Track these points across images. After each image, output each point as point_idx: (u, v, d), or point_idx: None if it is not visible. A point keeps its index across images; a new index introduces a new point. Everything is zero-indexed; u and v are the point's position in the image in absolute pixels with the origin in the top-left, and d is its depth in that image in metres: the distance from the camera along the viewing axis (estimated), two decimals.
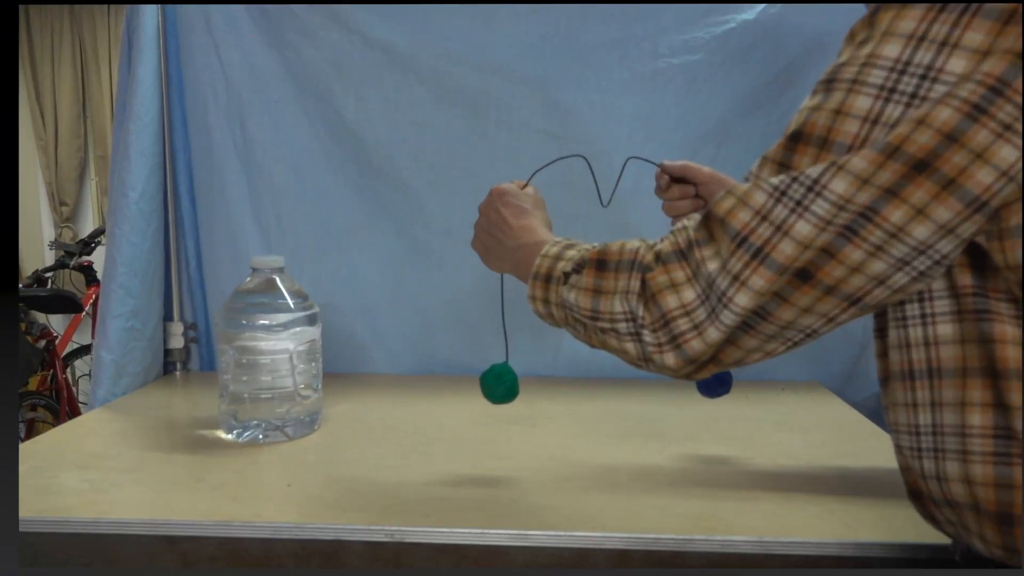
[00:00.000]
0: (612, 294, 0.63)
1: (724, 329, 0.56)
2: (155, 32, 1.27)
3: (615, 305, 0.63)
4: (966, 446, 0.53)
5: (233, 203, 1.35)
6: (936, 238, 0.50)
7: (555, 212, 1.12)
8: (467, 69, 1.29)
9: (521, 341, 1.39)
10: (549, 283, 0.70)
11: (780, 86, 1.25)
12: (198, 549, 0.77)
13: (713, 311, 0.56)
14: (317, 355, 1.07)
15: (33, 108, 4.05)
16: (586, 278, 0.66)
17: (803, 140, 0.53)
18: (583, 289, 0.65)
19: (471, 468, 0.93)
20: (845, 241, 0.51)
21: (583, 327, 0.67)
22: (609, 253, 0.65)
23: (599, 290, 0.64)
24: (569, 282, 0.67)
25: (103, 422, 1.12)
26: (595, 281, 0.65)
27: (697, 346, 0.58)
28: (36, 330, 2.76)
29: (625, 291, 0.62)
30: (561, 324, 0.71)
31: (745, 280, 0.54)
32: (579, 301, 0.66)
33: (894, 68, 0.49)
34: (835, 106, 0.51)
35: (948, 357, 0.53)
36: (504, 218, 0.81)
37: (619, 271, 0.63)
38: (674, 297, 0.58)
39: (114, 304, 1.24)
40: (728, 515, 0.79)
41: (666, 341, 0.59)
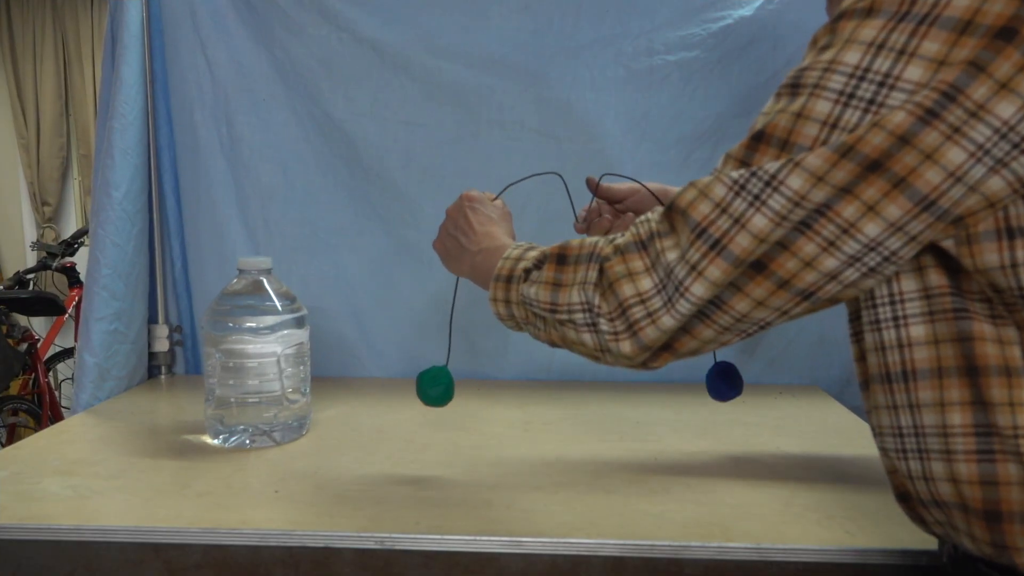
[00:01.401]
0: (570, 286, 0.65)
1: (679, 317, 0.58)
2: (140, 28, 1.25)
3: (573, 296, 0.64)
4: (948, 445, 0.53)
5: (219, 203, 1.34)
6: (886, 235, 0.51)
7: (549, 215, 1.11)
8: (459, 67, 1.28)
9: (516, 345, 1.39)
10: (510, 283, 0.72)
11: (778, 84, 1.24)
12: (183, 557, 0.75)
13: (670, 299, 0.58)
14: (305, 358, 1.06)
15: (14, 105, 4.00)
16: (546, 272, 0.67)
17: (764, 140, 0.55)
18: (543, 283, 0.67)
19: (463, 474, 0.92)
20: (799, 235, 0.53)
21: (543, 322, 0.69)
22: (569, 248, 0.67)
23: (558, 283, 0.66)
24: (530, 278, 0.69)
25: (86, 427, 1.10)
26: (555, 275, 0.67)
27: (652, 333, 0.59)
28: (18, 333, 2.73)
29: (583, 282, 0.64)
30: (521, 324, 0.73)
31: (702, 270, 0.56)
32: (539, 295, 0.68)
33: (853, 74, 0.51)
34: (797, 109, 0.53)
35: (923, 358, 0.54)
36: (470, 223, 0.84)
37: (578, 263, 0.65)
38: (630, 286, 0.60)
39: (97, 306, 1.22)
40: (725, 521, 0.78)
41: (623, 329, 0.61)
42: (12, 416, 2.73)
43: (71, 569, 0.76)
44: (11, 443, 1.53)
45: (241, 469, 0.93)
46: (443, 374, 0.92)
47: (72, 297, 3.05)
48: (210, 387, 1.02)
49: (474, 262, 0.81)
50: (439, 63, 1.28)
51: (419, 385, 0.92)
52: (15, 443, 1.03)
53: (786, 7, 1.22)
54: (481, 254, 0.80)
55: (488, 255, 0.78)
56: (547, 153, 1.28)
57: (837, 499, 0.84)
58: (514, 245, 0.76)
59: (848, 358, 1.32)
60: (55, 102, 3.99)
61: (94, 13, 3.91)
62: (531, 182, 1.30)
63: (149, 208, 1.32)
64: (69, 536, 0.76)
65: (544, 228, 1.33)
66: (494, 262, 0.75)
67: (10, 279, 3.10)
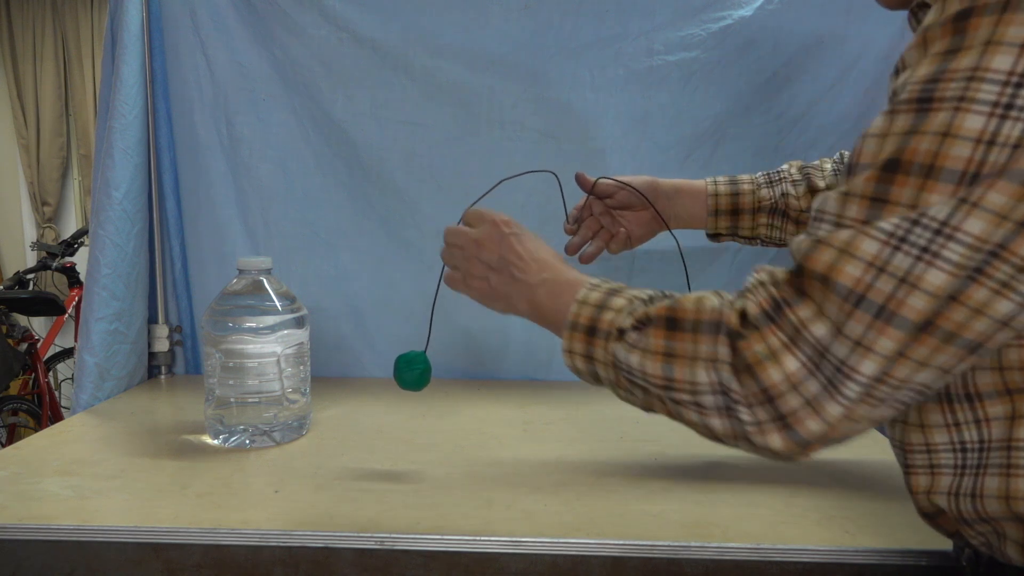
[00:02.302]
0: (691, 360, 0.55)
1: (847, 403, 0.49)
2: (139, 28, 1.25)
3: (698, 374, 0.55)
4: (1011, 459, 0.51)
5: (219, 203, 1.34)
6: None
7: (548, 215, 1.11)
8: (459, 67, 1.27)
9: (515, 346, 1.39)
10: (594, 336, 0.62)
11: (778, 84, 1.24)
12: (183, 557, 0.75)
13: (830, 383, 0.49)
14: (305, 358, 1.05)
15: (14, 106, 4.01)
16: (654, 339, 0.57)
17: (902, 169, 0.47)
18: (651, 353, 0.57)
19: (463, 474, 0.92)
20: (970, 282, 0.46)
21: (643, 392, 0.60)
22: (683, 310, 0.57)
23: (672, 353, 0.56)
24: (627, 340, 0.59)
25: (86, 427, 1.10)
26: (666, 343, 0.56)
27: (814, 426, 0.50)
28: (18, 333, 2.73)
29: (711, 358, 0.54)
30: (608, 384, 0.63)
31: (870, 345, 0.47)
32: (645, 367, 0.57)
33: (1008, 82, 0.44)
34: (940, 128, 0.46)
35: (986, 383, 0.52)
36: (518, 252, 0.72)
37: (698, 333, 0.55)
38: (776, 369, 0.50)
39: (97, 306, 1.22)
40: (724, 522, 0.78)
41: (769, 419, 0.52)
42: (12, 416, 2.73)
43: (71, 569, 0.76)
44: (11, 443, 1.52)
45: (241, 469, 0.93)
46: (419, 359, 0.90)
47: (72, 297, 3.05)
48: (210, 387, 1.02)
49: (535, 297, 0.70)
50: (439, 63, 1.28)
51: (395, 368, 0.90)
52: (15, 443, 1.03)
53: (786, 7, 1.21)
54: (544, 287, 0.69)
55: (553, 290, 0.68)
56: (547, 153, 1.28)
57: (837, 499, 0.84)
58: (587, 283, 0.66)
59: None
60: (55, 102, 4.00)
61: (94, 13, 3.91)
62: (531, 181, 1.31)
63: (149, 208, 1.31)
64: (69, 536, 0.76)
65: (543, 227, 1.33)
66: (563, 301, 0.65)
67: (10, 279, 3.09)
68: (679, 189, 0.98)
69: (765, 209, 0.95)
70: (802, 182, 0.94)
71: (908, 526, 0.77)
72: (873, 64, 1.22)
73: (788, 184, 0.95)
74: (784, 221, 0.95)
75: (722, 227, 0.98)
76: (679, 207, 0.98)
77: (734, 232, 0.98)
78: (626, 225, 0.99)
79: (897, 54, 1.28)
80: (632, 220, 0.99)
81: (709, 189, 0.97)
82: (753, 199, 0.96)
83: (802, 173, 0.95)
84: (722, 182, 0.97)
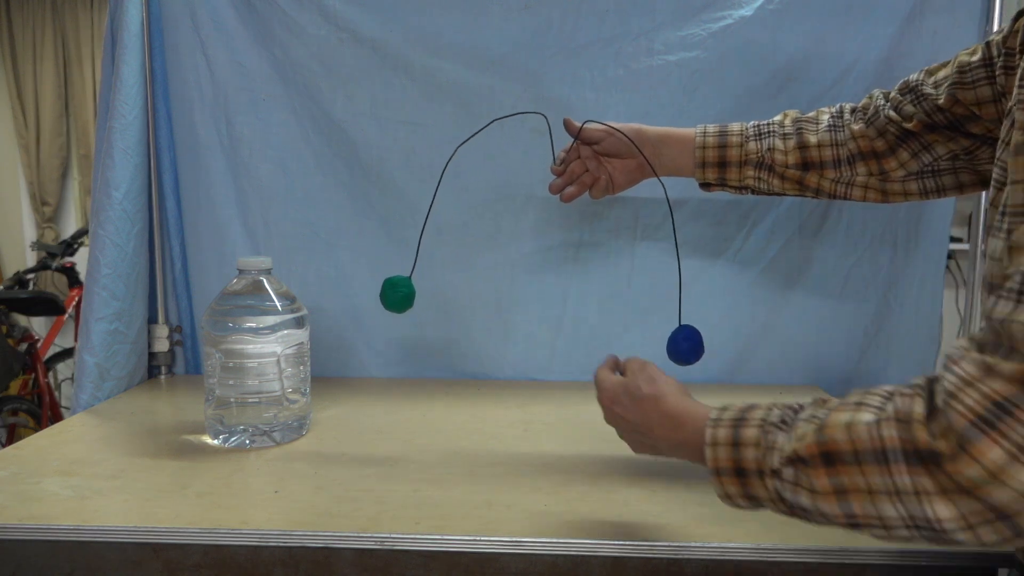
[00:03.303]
0: (868, 493, 0.50)
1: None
2: (139, 28, 1.25)
3: (883, 509, 0.49)
4: None
5: (219, 203, 1.33)
6: None
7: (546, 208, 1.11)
8: (459, 67, 1.27)
9: (515, 346, 1.39)
10: (745, 478, 0.58)
11: (778, 84, 1.24)
12: (183, 557, 0.75)
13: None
14: (305, 358, 1.05)
15: (14, 106, 4.00)
16: (815, 480, 0.52)
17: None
18: (819, 494, 0.52)
19: (463, 474, 0.92)
20: None
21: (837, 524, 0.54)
22: (835, 442, 0.51)
23: (844, 490, 0.51)
24: (784, 478, 0.55)
25: (86, 427, 1.10)
26: (831, 481, 0.51)
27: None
28: (17, 333, 2.73)
29: (893, 491, 0.48)
30: (786, 516, 0.58)
31: None
32: (820, 507, 0.53)
33: None
34: None
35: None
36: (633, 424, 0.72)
37: (865, 464, 0.49)
38: (1004, 490, 0.44)
39: (97, 306, 1.22)
40: (725, 522, 0.78)
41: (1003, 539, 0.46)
42: (12, 416, 2.73)
43: (71, 569, 0.76)
44: (11, 443, 1.52)
45: (241, 469, 0.93)
46: (404, 282, 0.96)
47: (72, 297, 3.05)
48: (210, 387, 1.02)
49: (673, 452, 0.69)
50: (439, 63, 1.27)
51: (381, 290, 0.96)
52: (15, 443, 1.02)
53: (786, 7, 1.21)
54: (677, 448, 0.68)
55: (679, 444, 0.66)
56: (547, 151, 1.27)
57: None
58: (709, 420, 0.62)
59: (849, 358, 1.33)
60: (55, 102, 3.99)
61: (94, 13, 3.91)
62: (530, 183, 1.31)
63: (149, 208, 1.31)
64: (69, 536, 0.76)
65: (545, 223, 1.33)
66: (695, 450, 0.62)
67: (10, 279, 3.10)
68: (666, 137, 0.97)
69: (752, 162, 0.94)
70: (793, 136, 0.92)
71: None
72: (873, 64, 1.22)
73: (777, 138, 0.93)
74: (770, 175, 0.93)
75: (710, 177, 0.96)
76: (665, 156, 0.97)
77: (723, 183, 0.96)
78: (611, 171, 0.99)
79: (897, 55, 1.28)
80: (617, 167, 0.99)
81: (697, 141, 0.96)
82: (740, 152, 0.94)
83: (795, 126, 0.93)
84: (711, 132, 0.95)
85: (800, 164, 0.92)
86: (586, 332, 1.35)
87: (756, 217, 1.30)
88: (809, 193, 0.94)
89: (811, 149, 0.91)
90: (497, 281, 1.35)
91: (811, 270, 1.31)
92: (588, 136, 0.97)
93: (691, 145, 0.96)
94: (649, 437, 0.71)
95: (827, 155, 0.90)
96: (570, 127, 0.98)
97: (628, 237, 1.33)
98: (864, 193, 0.91)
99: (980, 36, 1.19)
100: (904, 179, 0.87)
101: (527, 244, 1.34)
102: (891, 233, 1.29)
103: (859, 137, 0.88)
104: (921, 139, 0.84)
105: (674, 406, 0.67)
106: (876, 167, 0.88)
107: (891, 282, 1.30)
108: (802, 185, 0.93)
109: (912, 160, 0.85)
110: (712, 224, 1.30)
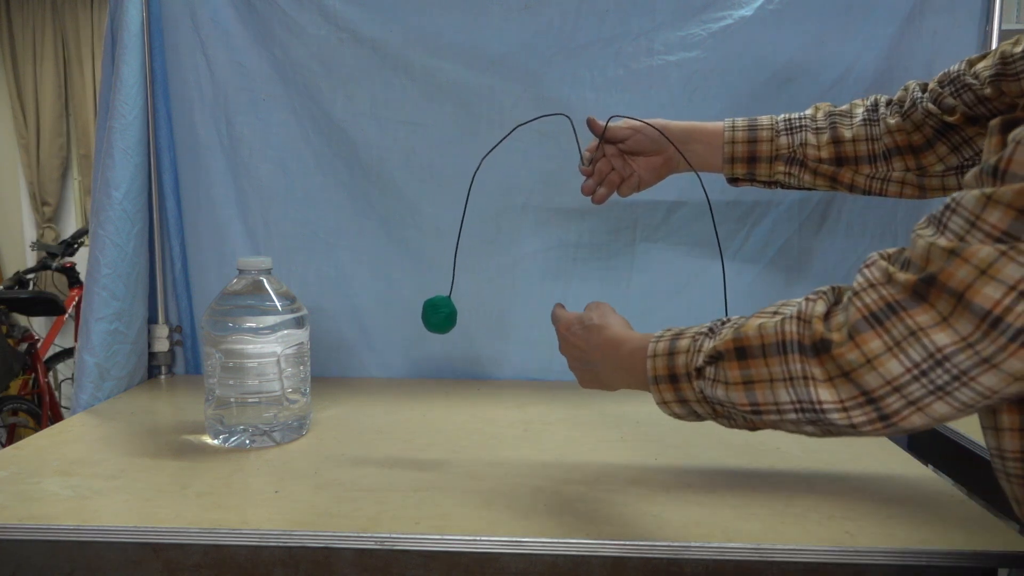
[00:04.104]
0: (770, 382, 0.58)
1: (956, 405, 0.51)
2: (140, 28, 1.25)
3: (780, 395, 0.58)
4: None
5: (219, 203, 1.33)
6: None
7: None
8: (459, 67, 1.27)
9: (515, 346, 1.39)
10: (677, 382, 0.66)
11: (778, 84, 1.24)
12: (183, 557, 0.75)
13: (941, 388, 0.51)
14: (305, 358, 1.05)
15: (14, 106, 4.00)
16: (728, 371, 0.61)
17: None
18: (730, 384, 0.61)
19: (463, 474, 0.92)
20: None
21: (741, 417, 0.63)
22: (747, 338, 0.60)
23: (750, 380, 0.60)
24: (705, 376, 0.63)
25: (86, 427, 1.10)
26: (741, 373, 0.60)
27: (918, 420, 0.52)
28: (18, 333, 2.73)
29: (789, 377, 0.57)
30: (708, 418, 0.67)
31: (999, 363, 0.48)
32: (731, 397, 0.61)
33: None
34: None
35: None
36: (582, 348, 0.79)
37: (769, 356, 0.58)
38: (873, 375, 0.52)
39: (97, 306, 1.22)
40: (725, 522, 0.78)
41: (868, 420, 0.54)
42: (12, 416, 2.73)
43: (71, 569, 0.76)
44: (11, 443, 1.52)
45: (241, 469, 0.93)
46: (444, 302, 0.95)
47: (72, 297, 3.05)
48: (210, 387, 1.02)
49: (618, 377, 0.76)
50: (439, 63, 1.27)
51: (423, 312, 0.95)
52: (15, 443, 1.02)
53: (786, 7, 1.21)
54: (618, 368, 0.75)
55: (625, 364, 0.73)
56: (548, 153, 1.28)
57: (837, 499, 0.84)
58: (651, 338, 0.70)
59: None
60: (55, 102, 3.99)
61: (94, 13, 3.91)
62: (530, 183, 1.31)
63: (149, 208, 1.31)
64: (69, 536, 0.76)
65: (545, 224, 1.33)
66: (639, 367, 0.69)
67: (10, 279, 3.10)
68: (692, 132, 0.95)
69: (783, 157, 0.91)
70: (826, 130, 0.89)
71: (908, 526, 0.77)
72: (873, 64, 1.22)
73: (809, 132, 0.90)
74: (801, 170, 0.91)
75: (739, 173, 0.94)
76: (692, 152, 0.94)
77: (752, 177, 0.94)
78: (636, 169, 0.97)
79: (897, 55, 1.27)
80: (642, 164, 0.97)
81: (726, 135, 0.93)
82: (771, 147, 0.91)
83: (828, 120, 0.90)
84: (740, 127, 0.93)
85: (834, 159, 0.89)
86: None
87: (756, 217, 1.30)
88: (842, 188, 0.91)
89: (845, 144, 0.88)
90: (497, 282, 1.35)
91: (811, 269, 1.31)
92: (612, 134, 0.95)
93: (719, 140, 0.93)
94: (594, 364, 0.78)
95: (862, 150, 0.88)
96: (594, 126, 0.96)
97: (628, 238, 1.33)
98: (900, 189, 0.88)
99: (980, 36, 1.19)
100: (943, 174, 0.85)
101: (527, 245, 1.34)
102: (891, 231, 1.29)
103: (895, 131, 0.85)
104: (962, 132, 0.81)
105: (617, 333, 0.77)
106: (913, 162, 0.85)
107: None
108: (835, 180, 0.90)
109: (952, 155, 0.83)
110: None
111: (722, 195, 1.01)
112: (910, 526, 0.77)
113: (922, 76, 0.87)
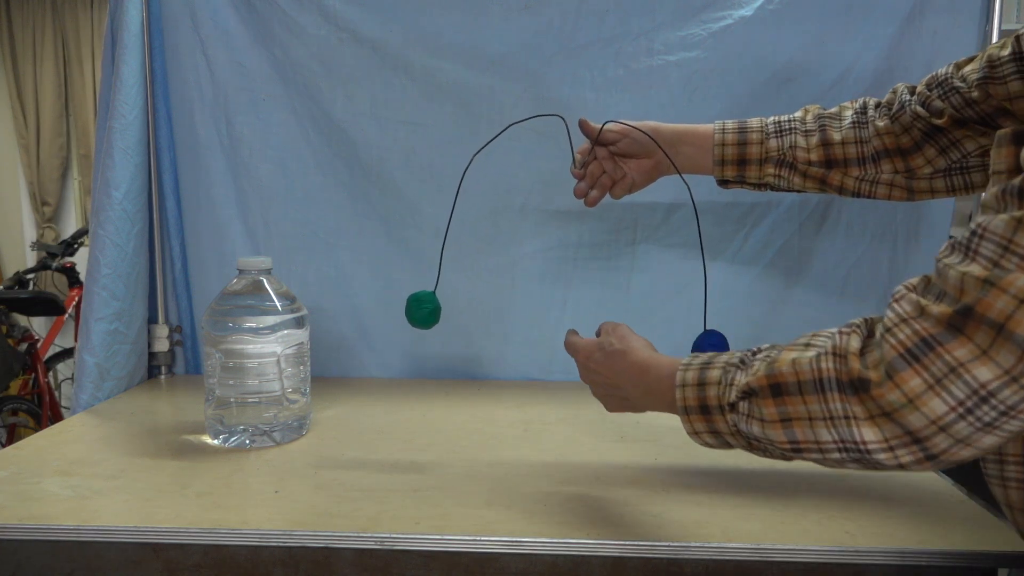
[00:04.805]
0: (808, 420, 0.57)
1: (1004, 435, 0.50)
2: (140, 28, 1.25)
3: (820, 434, 0.56)
4: None
5: (219, 203, 1.33)
6: None
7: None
8: (459, 67, 1.27)
9: (515, 346, 1.39)
10: (708, 415, 0.65)
11: (778, 84, 1.24)
12: (183, 557, 0.75)
13: (990, 424, 0.49)
14: (305, 358, 1.05)
15: (14, 106, 4.00)
16: (764, 408, 0.59)
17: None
18: (767, 422, 0.59)
19: (463, 474, 0.92)
20: None
21: (780, 453, 0.62)
22: (780, 374, 0.58)
23: (788, 418, 0.58)
24: (739, 411, 0.62)
25: (86, 427, 1.10)
26: (778, 410, 0.58)
27: (967, 454, 0.51)
28: (17, 333, 2.73)
29: (830, 417, 0.55)
30: (743, 449, 0.66)
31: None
32: (768, 435, 0.60)
33: None
34: None
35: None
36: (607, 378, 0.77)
37: (806, 394, 0.56)
38: (917, 415, 0.50)
39: (97, 306, 1.22)
40: (725, 522, 0.78)
41: (915, 460, 0.52)
42: (12, 416, 2.73)
43: (71, 569, 0.76)
44: (11, 443, 1.52)
45: (241, 469, 0.93)
46: (428, 298, 0.94)
47: (72, 297, 3.05)
48: (210, 387, 1.02)
49: (646, 403, 0.74)
50: (439, 63, 1.27)
51: (407, 307, 0.94)
52: (15, 443, 1.02)
53: (786, 7, 1.21)
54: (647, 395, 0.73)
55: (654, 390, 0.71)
56: (547, 153, 1.28)
57: (837, 499, 0.84)
58: (679, 366, 0.68)
59: None
60: (55, 102, 3.99)
61: (94, 13, 3.91)
62: (529, 183, 1.31)
63: (149, 208, 1.31)
64: (69, 536, 0.76)
65: (544, 224, 1.33)
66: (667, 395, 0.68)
67: (10, 279, 3.10)
68: (682, 135, 0.95)
69: (772, 160, 0.91)
70: (815, 133, 0.90)
71: (908, 526, 0.77)
72: (873, 64, 1.21)
73: (799, 135, 0.90)
74: (791, 173, 0.91)
75: (729, 175, 0.94)
76: (682, 154, 0.95)
77: (741, 180, 0.94)
78: (628, 172, 0.97)
79: (897, 55, 1.27)
80: (633, 167, 0.97)
81: (716, 138, 0.93)
82: (761, 149, 0.92)
83: (817, 123, 0.90)
84: (730, 129, 0.93)
85: (823, 162, 0.89)
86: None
87: (756, 217, 1.30)
88: (831, 191, 0.92)
89: (835, 147, 0.88)
90: (497, 282, 1.35)
91: (811, 270, 1.31)
92: (603, 137, 0.95)
93: (709, 142, 0.94)
94: (620, 389, 0.77)
95: (851, 152, 0.88)
96: (587, 129, 0.96)
97: (627, 238, 1.33)
98: (889, 191, 0.88)
99: (980, 36, 1.19)
100: (931, 176, 0.85)
101: (527, 245, 1.34)
102: (891, 232, 1.29)
103: (884, 134, 0.85)
104: (950, 135, 0.81)
105: (643, 358, 0.74)
106: (902, 164, 0.86)
107: (891, 281, 1.30)
108: (824, 183, 0.91)
109: (939, 157, 0.83)
110: (712, 224, 1.30)
111: (721, 196, 1.01)
112: (910, 526, 0.77)
113: (922, 76, 0.87)
